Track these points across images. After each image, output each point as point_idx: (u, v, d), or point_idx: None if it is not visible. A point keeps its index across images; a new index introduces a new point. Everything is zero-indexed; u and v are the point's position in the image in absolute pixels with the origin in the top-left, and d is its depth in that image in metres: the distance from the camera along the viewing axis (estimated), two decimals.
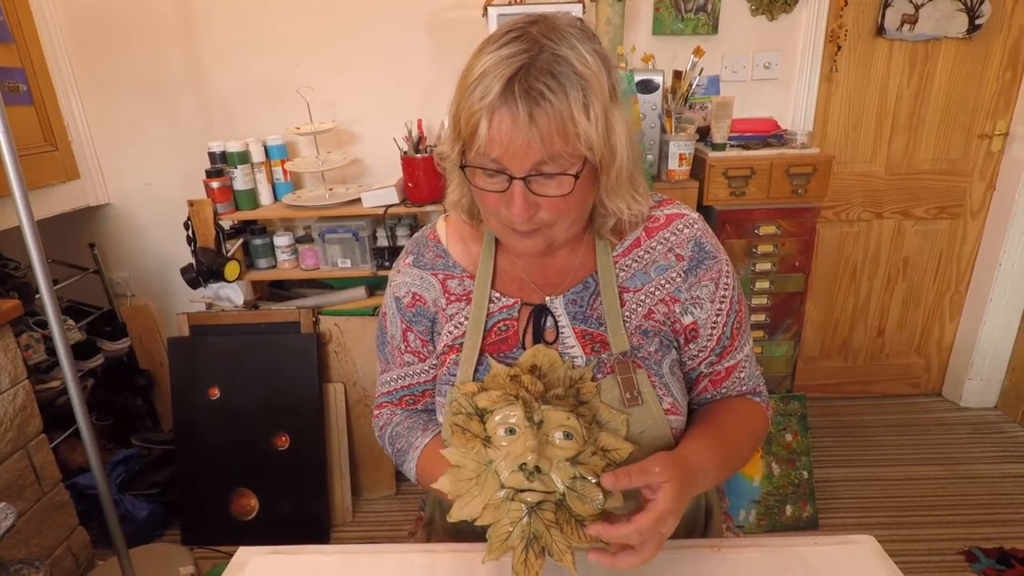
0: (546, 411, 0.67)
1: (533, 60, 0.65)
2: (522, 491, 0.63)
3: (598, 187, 0.74)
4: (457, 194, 0.82)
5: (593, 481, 0.64)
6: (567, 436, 0.66)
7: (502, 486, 0.64)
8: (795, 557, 0.77)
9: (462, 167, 0.72)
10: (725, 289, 0.81)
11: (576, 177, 0.68)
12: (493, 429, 0.67)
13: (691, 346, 0.82)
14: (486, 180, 0.71)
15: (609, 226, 0.80)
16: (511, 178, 0.68)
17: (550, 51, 0.65)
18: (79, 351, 1.95)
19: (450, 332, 0.84)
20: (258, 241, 2.04)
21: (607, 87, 0.68)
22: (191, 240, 1.96)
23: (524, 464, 0.63)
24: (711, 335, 0.81)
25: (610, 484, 0.63)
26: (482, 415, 0.70)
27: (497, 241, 0.85)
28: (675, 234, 0.81)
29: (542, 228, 0.73)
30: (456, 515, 0.65)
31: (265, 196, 2.06)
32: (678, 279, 0.80)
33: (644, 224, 0.82)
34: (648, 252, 0.81)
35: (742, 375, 0.85)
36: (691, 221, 0.82)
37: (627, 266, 0.81)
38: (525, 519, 0.63)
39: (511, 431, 0.66)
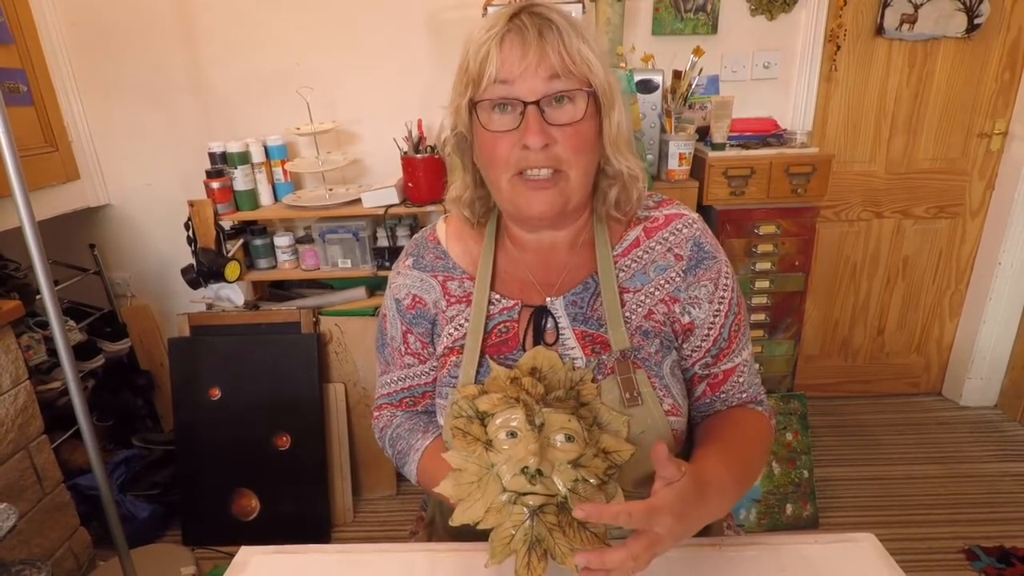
0: (547, 414, 0.67)
1: (532, 4, 0.73)
2: (524, 494, 0.63)
3: (603, 140, 0.76)
4: (460, 188, 0.82)
5: (594, 483, 0.65)
6: (568, 439, 0.66)
7: (504, 489, 0.64)
8: (795, 555, 0.77)
9: (472, 107, 0.74)
10: (724, 290, 0.81)
11: (588, 96, 0.72)
12: (494, 432, 0.67)
13: (686, 345, 0.82)
14: (499, 119, 0.73)
15: (613, 198, 0.80)
16: (524, 107, 0.70)
17: (543, 5, 0.73)
18: (80, 352, 1.95)
19: (450, 334, 0.84)
20: (258, 241, 2.04)
21: (600, 46, 0.74)
22: (191, 240, 1.96)
23: (526, 467, 0.63)
24: (707, 335, 0.81)
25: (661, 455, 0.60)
26: (483, 418, 0.70)
27: (497, 240, 0.85)
28: (674, 234, 0.82)
29: (559, 172, 0.74)
30: (458, 519, 0.65)
31: (265, 196, 2.06)
32: (677, 279, 0.80)
33: (643, 224, 0.83)
34: (647, 252, 0.81)
35: (741, 380, 0.84)
36: (690, 221, 0.83)
37: (626, 266, 0.81)
38: (527, 522, 0.63)
39: (512, 434, 0.66)
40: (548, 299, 0.82)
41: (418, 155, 1.89)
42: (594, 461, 0.66)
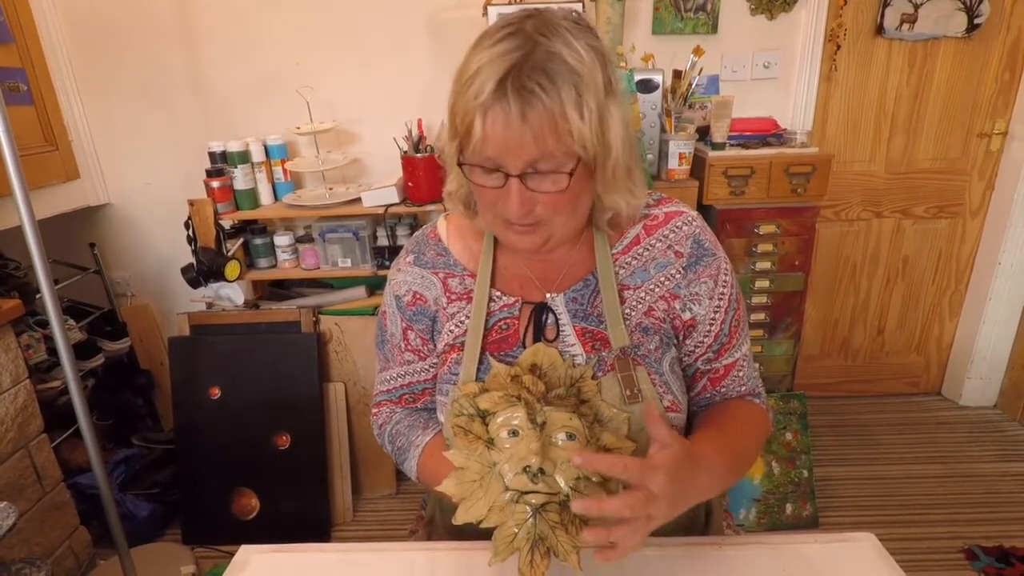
0: (548, 412, 0.67)
1: (526, 57, 0.65)
2: (526, 493, 0.63)
3: (595, 184, 0.75)
4: (455, 184, 0.82)
5: (596, 481, 0.65)
6: (570, 437, 0.66)
7: (506, 488, 0.64)
8: (795, 555, 0.77)
9: (460, 164, 0.73)
10: (724, 286, 0.81)
11: (570, 175, 0.69)
12: (496, 431, 0.67)
13: (688, 341, 0.82)
14: (483, 177, 0.71)
15: (607, 219, 0.80)
16: (507, 175, 0.68)
17: (544, 48, 0.65)
18: (80, 351, 1.95)
19: (451, 331, 0.84)
20: (258, 241, 2.04)
21: (602, 81, 0.67)
22: (191, 240, 1.96)
23: (528, 466, 0.63)
24: (709, 331, 0.82)
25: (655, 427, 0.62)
26: (484, 416, 0.70)
27: (497, 237, 0.85)
28: (674, 231, 0.82)
29: (540, 224, 0.74)
30: (461, 517, 0.65)
31: (265, 196, 2.06)
32: (677, 276, 0.80)
33: (643, 222, 0.83)
34: (648, 249, 0.82)
35: (740, 374, 0.85)
36: (689, 219, 0.83)
37: (627, 264, 0.82)
38: (530, 520, 0.63)
39: (514, 433, 0.66)
40: (548, 295, 0.82)
41: (418, 154, 1.89)
42: None
